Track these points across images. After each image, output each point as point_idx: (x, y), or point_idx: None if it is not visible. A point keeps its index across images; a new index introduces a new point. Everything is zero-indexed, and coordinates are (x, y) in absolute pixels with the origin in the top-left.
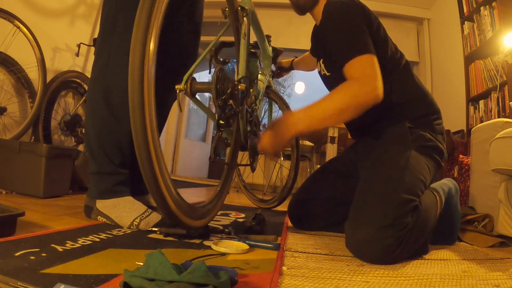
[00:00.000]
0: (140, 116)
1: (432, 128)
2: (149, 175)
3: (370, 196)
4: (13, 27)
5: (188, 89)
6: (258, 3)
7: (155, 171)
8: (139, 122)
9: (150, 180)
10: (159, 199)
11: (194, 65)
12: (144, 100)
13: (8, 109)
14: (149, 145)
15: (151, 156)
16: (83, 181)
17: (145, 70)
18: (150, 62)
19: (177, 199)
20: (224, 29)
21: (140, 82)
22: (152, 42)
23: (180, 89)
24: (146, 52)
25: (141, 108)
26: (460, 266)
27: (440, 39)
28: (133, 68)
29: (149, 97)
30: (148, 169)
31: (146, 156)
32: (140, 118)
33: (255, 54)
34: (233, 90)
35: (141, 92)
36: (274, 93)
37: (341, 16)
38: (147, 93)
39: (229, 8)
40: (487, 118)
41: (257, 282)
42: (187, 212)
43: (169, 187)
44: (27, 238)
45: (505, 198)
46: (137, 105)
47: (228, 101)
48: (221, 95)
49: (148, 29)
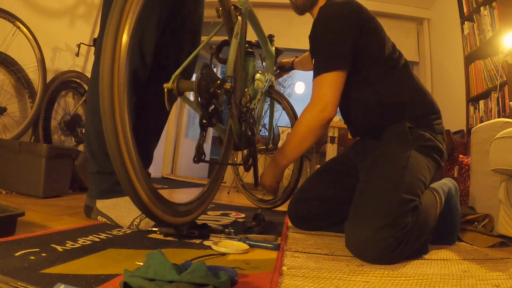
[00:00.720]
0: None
1: (432, 128)
2: (122, 172)
3: (370, 196)
4: (13, 27)
5: (174, 88)
6: (258, 3)
7: (127, 167)
8: (109, 120)
9: (123, 177)
10: (132, 194)
11: (183, 65)
12: (114, 95)
13: (8, 109)
14: (120, 144)
15: (122, 152)
16: (83, 181)
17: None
18: (122, 55)
19: (152, 196)
20: (217, 28)
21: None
22: (125, 34)
23: (167, 88)
24: (117, 45)
25: (110, 104)
26: (460, 266)
27: (440, 39)
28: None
29: (119, 91)
30: (120, 166)
31: (117, 152)
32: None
33: (252, 53)
34: (216, 89)
35: (110, 87)
36: (277, 93)
37: (327, 25)
38: (117, 87)
39: (221, 7)
40: (487, 118)
41: (257, 282)
42: (165, 209)
43: (142, 183)
44: (27, 238)
45: (505, 198)
46: (107, 101)
47: (211, 100)
48: (204, 94)
49: (121, 21)
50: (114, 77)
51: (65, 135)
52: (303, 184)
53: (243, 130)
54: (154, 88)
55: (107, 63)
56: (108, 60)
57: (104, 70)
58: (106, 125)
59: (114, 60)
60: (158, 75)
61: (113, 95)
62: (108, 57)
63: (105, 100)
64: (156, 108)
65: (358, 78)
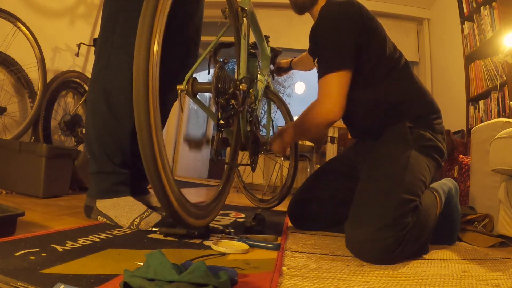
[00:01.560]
0: (145, 117)
1: (432, 127)
2: (154, 175)
3: (370, 196)
4: (13, 27)
5: (189, 89)
6: (258, 3)
7: (159, 171)
8: (144, 124)
9: (155, 180)
10: (163, 199)
11: (195, 65)
12: (149, 102)
13: (8, 109)
14: (154, 147)
15: (156, 158)
16: (83, 181)
17: (150, 73)
18: (154, 64)
19: (180, 198)
20: (224, 29)
21: (145, 85)
22: (156, 44)
23: (181, 89)
24: (151, 54)
25: (146, 110)
26: (460, 266)
27: (440, 39)
28: (138, 71)
29: (154, 99)
30: (153, 170)
31: (151, 158)
32: (145, 119)
33: (254, 54)
34: (235, 89)
35: (146, 94)
36: (273, 93)
37: (330, 25)
38: (151, 95)
39: (229, 9)
40: (487, 118)
41: (257, 282)
42: (190, 211)
43: (173, 187)
44: (27, 238)
45: (505, 198)
46: (143, 107)
47: (229, 101)
48: (222, 95)
49: (152, 31)
50: (149, 85)
51: (65, 135)
52: (303, 184)
53: (249, 131)
54: None
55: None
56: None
57: (139, 80)
58: (142, 132)
59: (148, 69)
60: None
61: (148, 103)
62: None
63: (141, 108)
64: None
65: (359, 79)
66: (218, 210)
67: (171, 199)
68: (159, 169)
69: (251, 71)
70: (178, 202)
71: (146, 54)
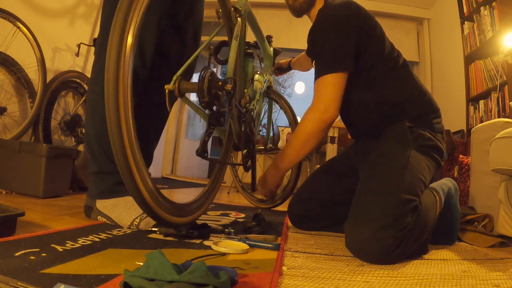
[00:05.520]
0: (114, 112)
1: (432, 127)
2: (125, 171)
3: (370, 196)
4: (13, 27)
5: (176, 89)
6: (258, 4)
7: (130, 166)
8: (113, 119)
9: (126, 176)
10: (135, 195)
11: (184, 66)
12: (119, 95)
13: (8, 109)
14: (124, 143)
15: (126, 152)
16: (83, 181)
17: (121, 65)
18: (126, 56)
19: (155, 195)
20: (217, 30)
21: (115, 76)
22: (131, 35)
23: (168, 89)
24: (123, 46)
25: (115, 103)
26: (460, 266)
27: (440, 39)
28: (108, 63)
29: (124, 93)
30: (124, 167)
31: (121, 154)
32: (114, 114)
33: (251, 54)
34: (217, 90)
35: (115, 87)
36: (275, 93)
37: (328, 26)
38: (122, 88)
39: (221, 9)
40: (487, 118)
41: (257, 282)
42: (167, 208)
43: (146, 183)
44: (27, 238)
45: (505, 198)
46: (112, 101)
47: (213, 101)
48: (206, 95)
49: (127, 21)
50: (119, 78)
51: (65, 135)
52: (303, 184)
53: (243, 131)
54: (155, 88)
55: (112, 64)
56: (113, 61)
57: (109, 71)
58: (111, 125)
59: (119, 61)
60: (159, 75)
61: (118, 96)
62: (114, 58)
63: (110, 101)
64: (156, 108)
65: (358, 79)
66: (204, 208)
67: (144, 195)
68: (130, 164)
69: (247, 72)
70: (152, 198)
71: (118, 50)
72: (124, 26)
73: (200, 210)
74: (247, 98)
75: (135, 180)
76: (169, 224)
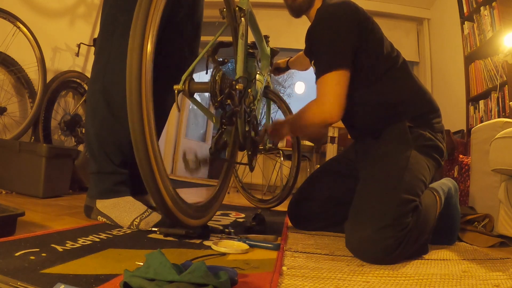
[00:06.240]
0: (138, 117)
1: (432, 126)
2: (148, 174)
3: (370, 196)
4: (13, 27)
5: (186, 89)
6: (258, 3)
7: (153, 170)
8: (137, 124)
9: (149, 179)
10: (157, 198)
11: (192, 65)
12: (142, 101)
13: (8, 109)
14: (147, 146)
15: (150, 157)
16: (83, 181)
17: (143, 72)
18: (147, 64)
19: (175, 198)
20: (222, 29)
21: (138, 84)
22: (150, 43)
23: (178, 89)
24: (144, 53)
25: (139, 109)
26: (460, 266)
27: (440, 39)
28: (130, 70)
29: (147, 98)
30: (147, 169)
31: (144, 156)
32: (138, 119)
33: (253, 54)
34: (231, 90)
35: (139, 94)
36: (273, 92)
37: (327, 26)
38: (145, 94)
39: (226, 9)
40: (487, 118)
41: (257, 282)
42: (186, 211)
43: (167, 186)
44: (27, 238)
45: (505, 198)
46: (136, 106)
47: (226, 101)
48: (218, 95)
49: (146, 30)
50: (142, 84)
51: (65, 135)
52: (302, 184)
53: (248, 131)
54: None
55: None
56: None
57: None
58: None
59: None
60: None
61: (141, 102)
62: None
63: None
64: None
65: (357, 79)
66: (215, 209)
67: (166, 199)
68: (154, 169)
69: (249, 71)
70: (173, 202)
71: (139, 55)
72: (144, 33)
73: (212, 211)
74: (250, 97)
75: (158, 186)
76: (187, 226)
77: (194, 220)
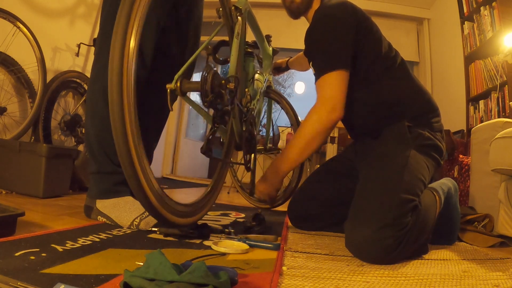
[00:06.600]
0: (119, 114)
1: (431, 126)
2: (130, 172)
3: (369, 196)
4: (13, 27)
5: (178, 88)
6: (258, 3)
7: (135, 168)
8: (118, 122)
9: (131, 177)
10: (140, 195)
11: (185, 65)
12: (124, 98)
13: (8, 109)
14: (129, 144)
15: (131, 154)
16: (83, 181)
17: (124, 68)
18: (129, 60)
19: (160, 195)
20: (218, 29)
21: (119, 81)
22: (133, 39)
23: (170, 88)
24: (126, 49)
25: (120, 106)
26: (460, 266)
27: (440, 39)
28: (112, 67)
29: (129, 95)
30: (129, 167)
31: (126, 154)
32: (119, 117)
33: (251, 53)
34: (220, 89)
35: (120, 90)
36: (275, 92)
37: (325, 26)
38: (126, 91)
39: (222, 8)
40: (487, 118)
41: (257, 282)
42: (172, 209)
43: (151, 184)
44: (27, 238)
45: (505, 198)
46: (116, 103)
47: (216, 100)
48: (209, 94)
49: (129, 25)
50: (123, 80)
51: (65, 135)
52: (302, 184)
53: (244, 130)
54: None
55: (116, 67)
56: (117, 64)
57: (113, 74)
58: (116, 128)
59: (122, 64)
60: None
61: (122, 100)
62: (117, 61)
63: (115, 104)
64: (156, 109)
65: (356, 79)
66: (207, 208)
67: (149, 196)
68: (136, 166)
69: (247, 71)
70: (158, 200)
71: (121, 50)
72: (126, 29)
73: (203, 210)
74: (248, 97)
75: (140, 181)
76: (174, 225)
77: (181, 219)
